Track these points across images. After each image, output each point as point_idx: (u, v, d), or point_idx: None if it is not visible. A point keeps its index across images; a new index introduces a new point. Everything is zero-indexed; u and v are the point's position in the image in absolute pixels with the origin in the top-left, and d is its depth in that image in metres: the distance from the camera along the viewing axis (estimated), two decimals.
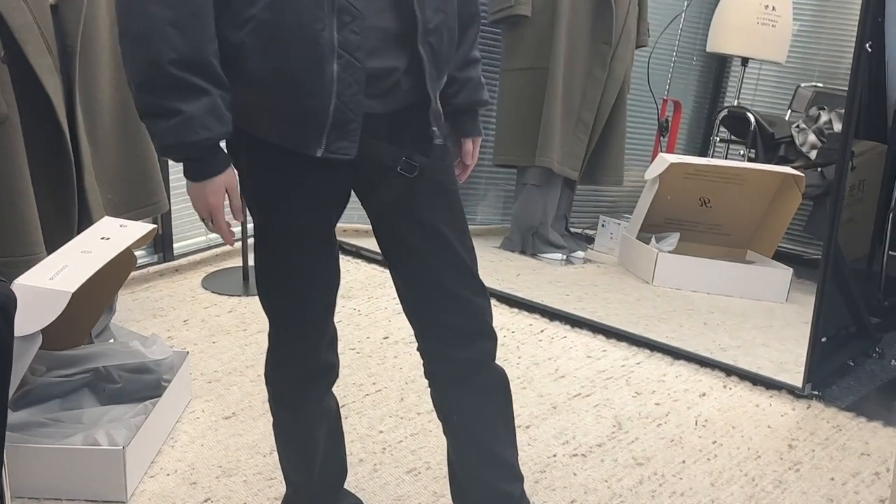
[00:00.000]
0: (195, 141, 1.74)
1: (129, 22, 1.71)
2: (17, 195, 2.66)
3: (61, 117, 2.69)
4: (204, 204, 1.82)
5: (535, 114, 3.79)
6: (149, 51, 1.68)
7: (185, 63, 1.70)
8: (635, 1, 3.87)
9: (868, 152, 3.59)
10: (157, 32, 1.68)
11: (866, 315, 3.26)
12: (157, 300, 3.39)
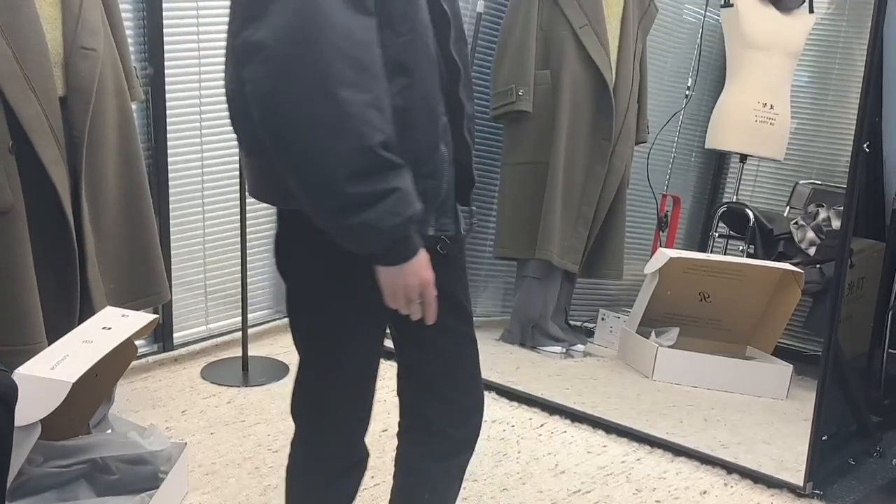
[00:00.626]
0: (412, 214, 1.69)
1: (316, 114, 1.62)
2: (20, 285, 2.68)
3: (66, 208, 2.73)
4: (418, 281, 1.75)
5: (535, 207, 3.82)
6: (355, 136, 1.62)
7: (389, 142, 1.66)
8: (635, 98, 3.92)
9: (867, 250, 3.62)
10: (360, 117, 1.62)
11: (867, 413, 3.26)
12: (156, 390, 3.37)
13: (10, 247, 2.65)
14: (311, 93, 1.61)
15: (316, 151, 1.63)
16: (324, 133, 1.61)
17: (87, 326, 2.54)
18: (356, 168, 1.62)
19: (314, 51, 1.60)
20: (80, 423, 2.65)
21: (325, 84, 1.60)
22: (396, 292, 1.76)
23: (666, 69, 4.43)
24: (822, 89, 4.48)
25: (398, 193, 1.66)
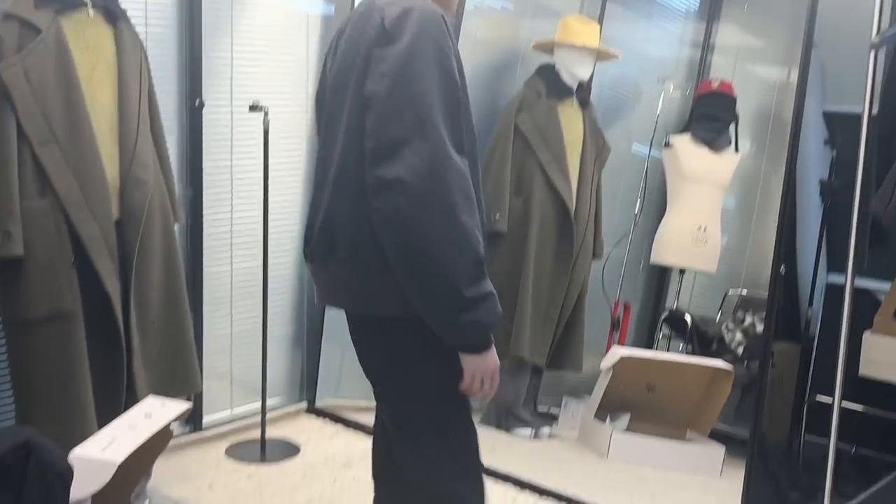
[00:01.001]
0: (499, 311, 1.81)
1: (445, 235, 1.73)
2: (77, 378, 2.69)
3: (117, 313, 2.74)
4: (493, 365, 1.84)
5: (509, 311, 3.84)
6: (472, 252, 1.74)
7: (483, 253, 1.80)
8: (592, 220, 3.98)
9: (785, 351, 3.64)
10: (473, 236, 1.75)
11: (787, 491, 3.26)
12: (186, 466, 3.33)
13: (69, 345, 2.66)
14: (441, 218, 1.72)
15: (443, 264, 1.72)
16: (450, 249, 1.72)
17: (132, 414, 2.52)
18: (472, 276, 1.74)
19: (443, 186, 1.72)
20: (123, 497, 2.60)
21: (451, 211, 1.72)
22: (476, 375, 1.82)
23: (618, 196, 4.49)
24: (746, 213, 4.55)
25: (493, 295, 1.78)
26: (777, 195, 3.62)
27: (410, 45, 1.77)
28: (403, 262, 1.76)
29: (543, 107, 3.86)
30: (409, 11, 1.79)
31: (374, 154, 1.75)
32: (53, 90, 2.62)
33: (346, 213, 1.85)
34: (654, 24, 4.70)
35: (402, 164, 1.72)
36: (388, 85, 1.76)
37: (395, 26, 1.79)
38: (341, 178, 1.85)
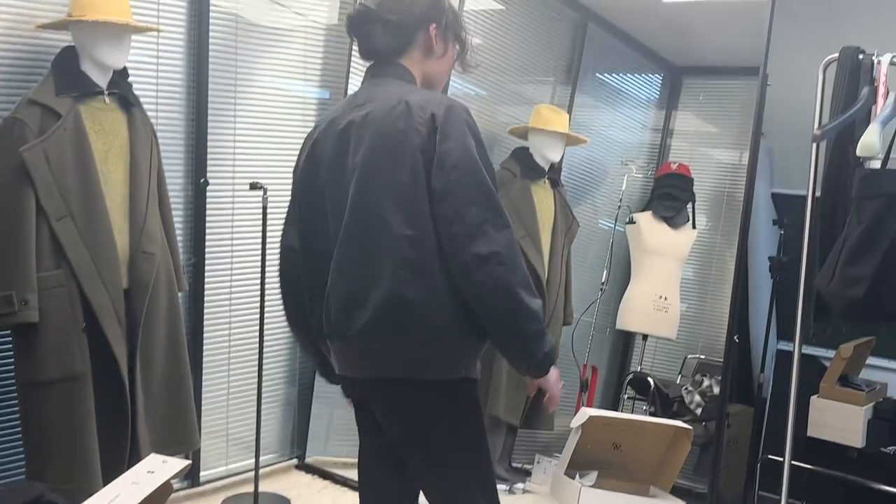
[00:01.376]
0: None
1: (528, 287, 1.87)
2: (85, 436, 2.68)
3: (124, 376, 2.74)
4: (557, 380, 2.00)
5: (485, 373, 3.84)
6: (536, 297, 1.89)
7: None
8: (562, 290, 3.98)
9: (740, 413, 3.67)
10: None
11: None
12: None
13: (79, 405, 2.66)
14: (523, 276, 1.87)
15: (532, 313, 1.86)
16: (531, 300, 1.87)
17: (135, 470, 2.49)
18: (542, 317, 1.89)
19: (518, 251, 1.89)
20: None
21: (524, 269, 1.89)
22: (557, 384, 2.01)
23: (586, 267, 4.52)
24: (703, 284, 4.59)
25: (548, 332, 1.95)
26: (730, 267, 3.68)
27: (464, 138, 1.89)
28: (507, 320, 1.88)
29: (518, 186, 3.90)
30: (452, 108, 1.92)
31: (466, 237, 1.85)
32: (71, 170, 2.65)
33: (420, 292, 1.91)
34: (618, 111, 4.79)
35: (493, 240, 1.84)
36: (459, 176, 1.86)
37: (447, 124, 1.89)
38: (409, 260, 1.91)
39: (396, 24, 2.01)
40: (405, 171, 1.89)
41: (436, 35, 2.05)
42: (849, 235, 2.59)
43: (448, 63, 2.12)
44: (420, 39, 2.04)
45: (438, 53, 2.07)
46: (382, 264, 1.91)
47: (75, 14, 2.71)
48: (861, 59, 2.70)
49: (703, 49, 4.49)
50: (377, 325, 1.94)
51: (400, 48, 2.04)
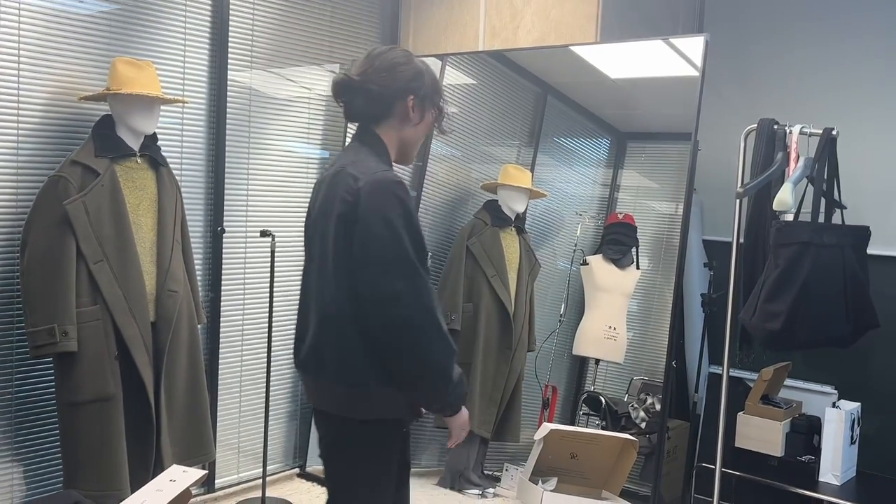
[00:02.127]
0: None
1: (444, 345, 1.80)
2: (115, 449, 2.65)
3: (150, 397, 2.72)
4: (465, 422, 1.93)
5: None
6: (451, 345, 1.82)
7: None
8: (526, 321, 3.99)
9: (678, 427, 3.66)
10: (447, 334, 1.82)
11: None
12: None
13: (110, 422, 2.64)
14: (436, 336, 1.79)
15: (444, 354, 1.80)
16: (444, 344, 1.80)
17: (159, 479, 2.46)
18: (452, 361, 1.82)
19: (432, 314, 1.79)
20: None
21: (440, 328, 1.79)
22: (462, 428, 1.93)
23: (546, 302, 4.51)
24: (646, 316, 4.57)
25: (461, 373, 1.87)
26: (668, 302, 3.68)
27: (384, 211, 1.76)
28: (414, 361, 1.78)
29: (489, 233, 3.92)
30: (377, 183, 1.79)
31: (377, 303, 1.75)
32: (107, 220, 2.65)
33: (335, 344, 1.84)
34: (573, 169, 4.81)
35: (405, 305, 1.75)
36: (373, 249, 1.75)
37: (369, 197, 1.77)
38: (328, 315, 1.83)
39: (377, 93, 1.91)
40: (332, 234, 1.82)
41: (412, 105, 1.94)
42: (767, 276, 2.62)
43: (423, 129, 2.00)
44: (398, 109, 1.93)
45: (415, 121, 1.96)
46: (313, 313, 1.87)
47: (113, 87, 2.73)
48: (776, 128, 2.74)
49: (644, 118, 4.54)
50: (310, 367, 1.91)
51: (378, 115, 1.94)
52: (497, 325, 3.88)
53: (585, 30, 3.58)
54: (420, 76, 1.94)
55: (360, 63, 1.94)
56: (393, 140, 1.96)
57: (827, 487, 3.10)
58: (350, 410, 1.85)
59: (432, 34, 4.06)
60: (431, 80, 1.98)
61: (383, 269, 1.74)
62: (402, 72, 1.91)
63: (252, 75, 3.55)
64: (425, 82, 1.95)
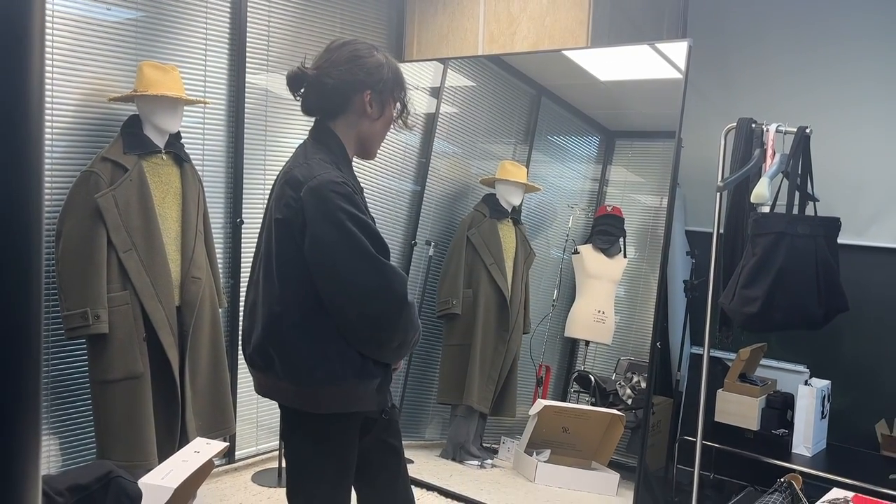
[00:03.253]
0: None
1: (406, 324, 1.69)
2: (143, 423, 2.67)
3: (175, 375, 2.73)
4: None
5: (462, 372, 3.84)
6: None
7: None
8: (521, 306, 4.00)
9: (662, 403, 3.68)
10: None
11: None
12: (222, 490, 3.26)
13: (138, 399, 2.65)
14: (405, 319, 1.70)
15: (412, 332, 1.73)
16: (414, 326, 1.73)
17: (184, 451, 2.51)
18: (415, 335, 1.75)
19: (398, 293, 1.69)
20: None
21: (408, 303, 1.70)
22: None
23: (541, 288, 4.51)
24: (632, 301, 4.57)
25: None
26: (652, 288, 3.70)
27: (329, 215, 1.62)
28: (385, 339, 1.71)
29: (487, 224, 3.92)
30: (315, 189, 1.63)
31: (339, 307, 1.66)
32: (135, 212, 2.66)
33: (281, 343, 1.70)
34: (566, 165, 4.81)
35: (368, 301, 1.67)
36: (321, 256, 1.63)
37: (309, 205, 1.63)
38: (282, 313, 1.68)
39: (332, 87, 1.74)
40: (274, 236, 1.69)
41: (370, 100, 1.75)
42: (745, 264, 2.63)
43: (383, 124, 1.80)
44: (355, 103, 1.75)
45: (374, 116, 1.77)
46: (259, 310, 1.73)
47: (140, 89, 2.73)
48: (753, 127, 2.75)
49: (631, 117, 4.54)
50: (254, 361, 1.77)
51: (334, 109, 1.76)
52: (495, 309, 3.89)
53: (577, 35, 3.57)
54: (379, 69, 1.75)
55: (318, 56, 1.79)
56: (350, 135, 1.78)
57: (799, 458, 3.12)
58: (300, 405, 1.74)
59: (435, 39, 4.06)
60: (392, 74, 1.77)
61: (351, 269, 1.63)
62: (360, 65, 1.73)
63: (268, 78, 3.54)
64: (384, 76, 1.75)
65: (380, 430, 1.84)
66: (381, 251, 1.66)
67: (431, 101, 4.14)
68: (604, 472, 3.75)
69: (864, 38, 3.38)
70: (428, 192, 4.19)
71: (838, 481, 2.83)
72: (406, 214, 4.14)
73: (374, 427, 1.83)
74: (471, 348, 3.83)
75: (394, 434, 1.90)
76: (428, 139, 4.20)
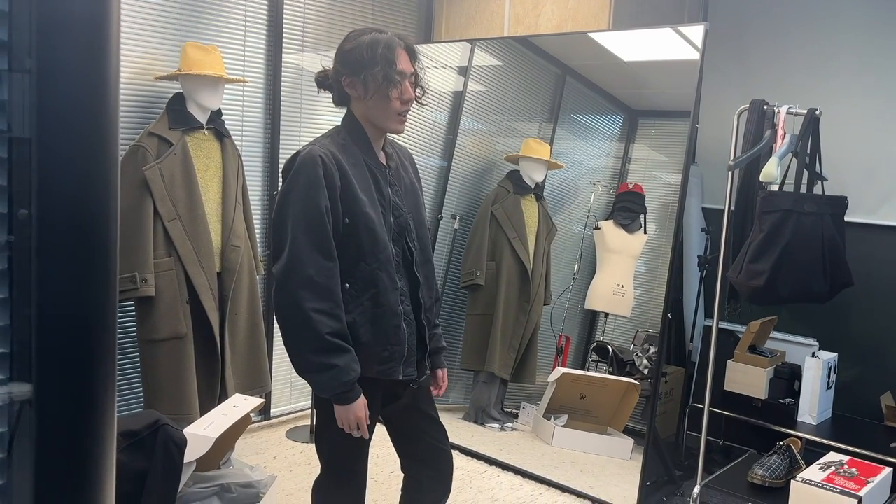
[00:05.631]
0: (347, 381, 1.69)
1: (292, 315, 1.66)
2: (186, 379, 2.77)
3: (216, 336, 2.83)
4: (353, 418, 1.72)
5: (484, 340, 3.91)
6: (311, 330, 1.65)
7: (335, 334, 1.68)
8: (543, 278, 4.04)
9: (674, 372, 3.71)
10: (315, 319, 1.65)
11: (673, 469, 3.33)
12: (259, 444, 3.36)
13: (182, 358, 2.77)
14: (291, 303, 1.67)
15: (294, 335, 1.69)
16: (293, 326, 1.68)
17: (224, 405, 2.61)
18: (312, 347, 1.67)
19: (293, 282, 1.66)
20: (215, 462, 2.70)
21: (300, 303, 1.66)
22: (342, 422, 1.74)
23: (562, 261, 4.55)
24: (651, 275, 4.59)
25: (336, 369, 1.67)
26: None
27: (288, 184, 1.71)
28: (288, 345, 1.72)
29: (511, 200, 3.97)
30: (293, 159, 1.74)
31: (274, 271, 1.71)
32: (179, 184, 2.76)
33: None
34: (589, 142, 4.83)
35: (279, 270, 1.69)
36: (275, 209, 1.73)
37: (287, 166, 1.75)
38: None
39: (332, 81, 1.85)
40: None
41: (348, 84, 1.80)
42: (753, 240, 2.66)
43: (378, 99, 1.78)
44: (346, 90, 1.82)
45: (362, 97, 1.79)
46: None
47: (183, 69, 2.83)
48: (765, 108, 2.77)
49: (653, 96, 4.54)
50: None
51: (343, 100, 1.86)
52: (517, 281, 3.95)
53: (599, 18, 3.61)
54: (350, 53, 1.77)
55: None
56: (362, 116, 1.84)
57: (804, 426, 3.16)
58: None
59: (462, 21, 4.11)
60: (369, 52, 1.74)
61: (274, 246, 1.71)
62: (338, 57, 1.81)
63: (303, 57, 3.62)
64: (355, 57, 1.76)
65: (410, 397, 1.93)
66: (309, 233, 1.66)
67: (459, 80, 4.19)
68: (618, 437, 3.79)
69: (879, 21, 3.37)
70: (454, 168, 4.25)
71: (838, 447, 2.88)
72: (433, 189, 4.22)
73: (403, 394, 1.91)
74: (493, 318, 3.90)
75: (424, 401, 1.97)
76: (455, 116, 4.25)
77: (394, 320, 1.78)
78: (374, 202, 1.78)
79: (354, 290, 1.74)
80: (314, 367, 1.68)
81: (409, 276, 1.85)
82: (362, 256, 1.75)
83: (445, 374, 2.09)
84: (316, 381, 1.71)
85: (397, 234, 1.83)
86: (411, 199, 1.92)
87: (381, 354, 1.78)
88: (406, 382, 1.87)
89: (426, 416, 2.00)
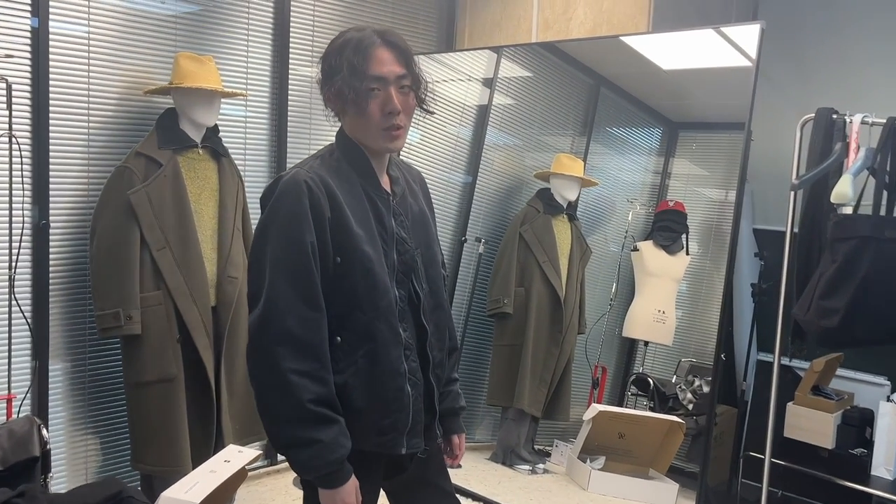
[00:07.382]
0: (334, 459, 1.39)
1: (266, 377, 1.39)
2: (177, 427, 2.56)
3: (211, 378, 2.60)
4: (338, 501, 1.43)
5: (513, 373, 3.64)
6: (291, 396, 1.36)
7: (319, 401, 1.38)
8: (577, 305, 3.77)
9: (724, 412, 3.40)
10: (295, 382, 1.36)
11: None
12: (263, 492, 3.13)
13: (172, 403, 2.53)
14: (266, 363, 1.39)
15: (269, 402, 1.40)
16: (270, 391, 1.39)
17: (214, 460, 2.33)
18: (290, 417, 1.37)
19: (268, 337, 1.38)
20: None
21: (276, 363, 1.37)
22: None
23: (597, 286, 4.26)
24: (694, 300, 4.28)
25: (319, 445, 1.37)
26: (717, 286, 3.42)
27: (270, 212, 1.44)
28: (261, 416, 1.44)
29: (541, 220, 3.69)
30: (273, 187, 1.47)
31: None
32: (169, 209, 2.52)
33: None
34: (625, 157, 4.53)
35: (251, 315, 1.43)
36: (251, 247, 1.47)
37: (266, 194, 1.48)
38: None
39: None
40: None
41: (327, 98, 1.54)
42: (824, 272, 2.31)
43: (356, 112, 1.50)
44: (326, 104, 1.57)
45: (342, 112, 1.55)
46: None
47: (175, 82, 2.58)
48: (834, 118, 2.42)
49: (695, 107, 4.23)
50: None
51: (337, 115, 1.59)
52: (548, 308, 3.65)
53: (637, 20, 3.27)
54: (322, 62, 1.56)
55: None
56: (351, 132, 1.56)
57: (879, 482, 2.82)
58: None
59: (487, 28, 3.81)
60: (335, 60, 1.51)
61: (250, 292, 1.43)
62: (320, 66, 1.58)
63: (313, 69, 3.36)
64: (326, 65, 1.54)
65: (417, 467, 1.61)
66: (286, 271, 1.39)
67: (484, 91, 3.90)
68: (662, 481, 3.48)
69: None
70: (479, 185, 3.96)
71: None
72: (456, 209, 3.93)
73: (409, 465, 1.60)
74: (522, 349, 3.60)
75: (434, 471, 1.67)
76: (480, 130, 3.96)
77: (396, 381, 1.47)
78: (373, 237, 1.49)
79: (347, 345, 1.44)
80: (292, 442, 1.38)
81: (417, 325, 1.54)
82: (357, 304, 1.45)
83: (463, 439, 1.75)
84: (295, 458, 1.41)
85: (402, 275, 1.52)
86: (420, 232, 1.60)
87: (381, 423, 1.47)
88: (410, 457, 1.57)
89: (437, 489, 1.69)
